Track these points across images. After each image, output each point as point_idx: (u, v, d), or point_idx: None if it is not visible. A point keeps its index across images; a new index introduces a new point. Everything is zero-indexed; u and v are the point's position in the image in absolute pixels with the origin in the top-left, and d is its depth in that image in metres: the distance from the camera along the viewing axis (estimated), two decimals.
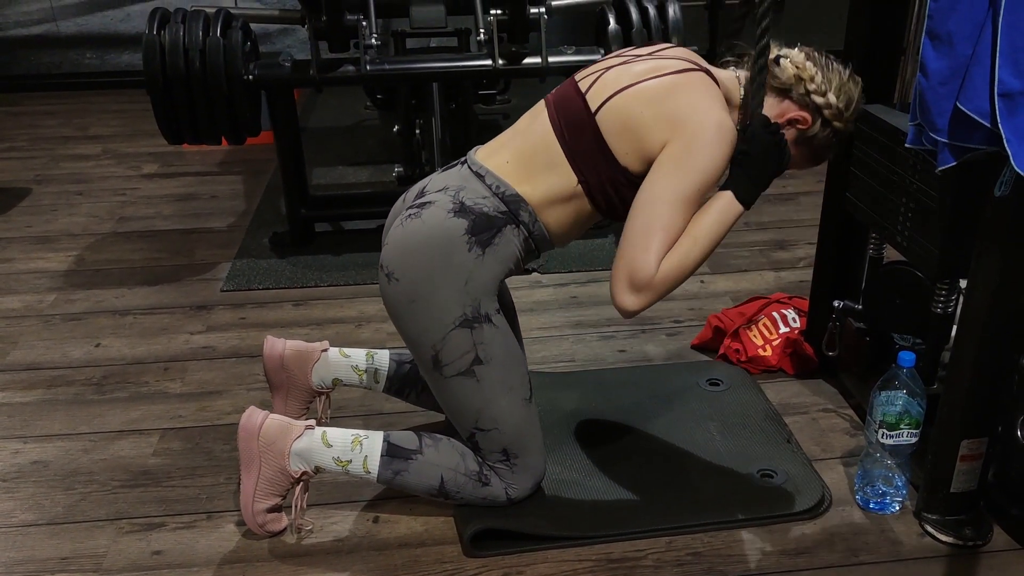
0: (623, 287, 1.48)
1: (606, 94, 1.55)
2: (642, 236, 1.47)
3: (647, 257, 1.46)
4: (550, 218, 1.60)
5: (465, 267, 1.53)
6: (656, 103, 1.51)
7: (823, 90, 1.59)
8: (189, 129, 2.63)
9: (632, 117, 1.52)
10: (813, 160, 1.69)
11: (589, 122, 1.54)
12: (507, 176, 1.58)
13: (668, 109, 1.50)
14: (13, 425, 2.03)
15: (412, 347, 1.61)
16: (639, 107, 1.52)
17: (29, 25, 4.69)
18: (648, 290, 1.47)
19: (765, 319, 2.25)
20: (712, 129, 1.48)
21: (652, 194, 1.49)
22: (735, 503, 1.73)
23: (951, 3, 1.38)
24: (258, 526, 1.63)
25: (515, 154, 1.61)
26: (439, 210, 1.55)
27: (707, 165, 1.48)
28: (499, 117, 4.02)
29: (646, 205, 1.49)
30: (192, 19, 2.54)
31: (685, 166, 1.47)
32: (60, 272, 2.78)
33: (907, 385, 1.64)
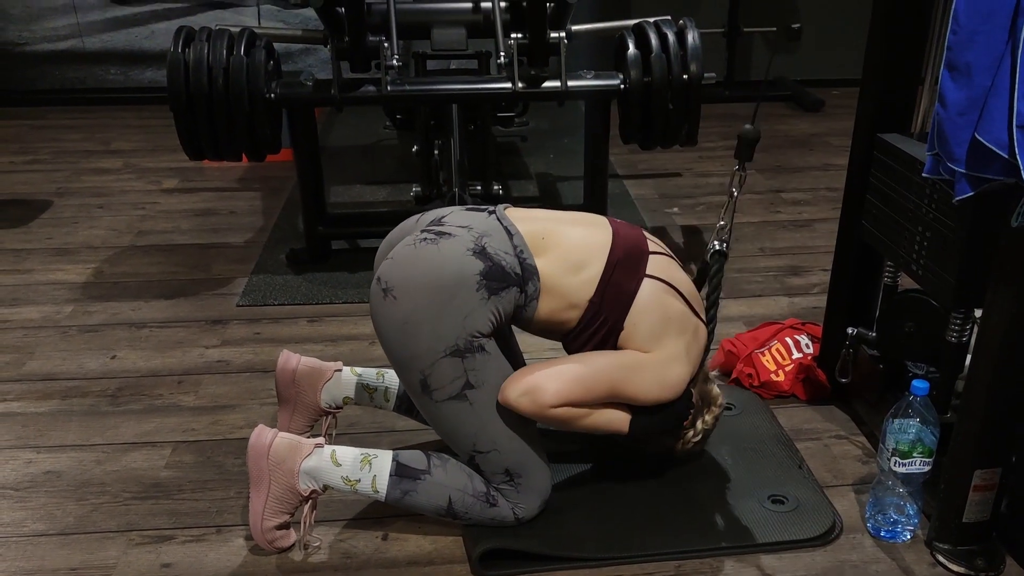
0: (522, 387, 1.56)
1: (662, 274, 1.67)
2: (570, 378, 1.58)
3: (561, 393, 1.57)
4: (545, 306, 1.63)
5: (468, 303, 1.54)
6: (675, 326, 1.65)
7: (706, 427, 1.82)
8: (210, 145, 2.66)
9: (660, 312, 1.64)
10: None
11: (637, 277, 1.64)
12: (534, 248, 1.61)
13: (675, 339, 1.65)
14: (28, 435, 2.05)
15: (398, 369, 1.61)
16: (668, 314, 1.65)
17: (55, 41, 4.77)
18: (535, 408, 1.56)
19: (778, 344, 2.24)
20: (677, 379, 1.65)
21: (604, 361, 1.62)
22: (745, 528, 1.72)
23: (970, 35, 1.38)
24: (267, 542, 1.64)
25: (554, 235, 1.65)
26: (459, 245, 1.56)
27: (649, 392, 1.63)
28: (517, 139, 4.05)
29: (593, 364, 1.62)
30: (216, 38, 2.58)
31: (641, 376, 1.62)
32: (78, 284, 2.81)
33: (920, 413, 1.64)
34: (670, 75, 2.68)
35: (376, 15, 2.86)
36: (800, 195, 3.55)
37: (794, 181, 3.71)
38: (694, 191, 3.62)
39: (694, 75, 2.68)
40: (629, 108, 2.77)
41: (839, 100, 4.73)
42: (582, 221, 1.73)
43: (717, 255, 1.83)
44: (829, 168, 3.83)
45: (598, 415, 1.63)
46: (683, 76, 2.68)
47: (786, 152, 4.02)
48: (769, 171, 3.78)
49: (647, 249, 1.68)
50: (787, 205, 3.45)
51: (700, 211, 3.40)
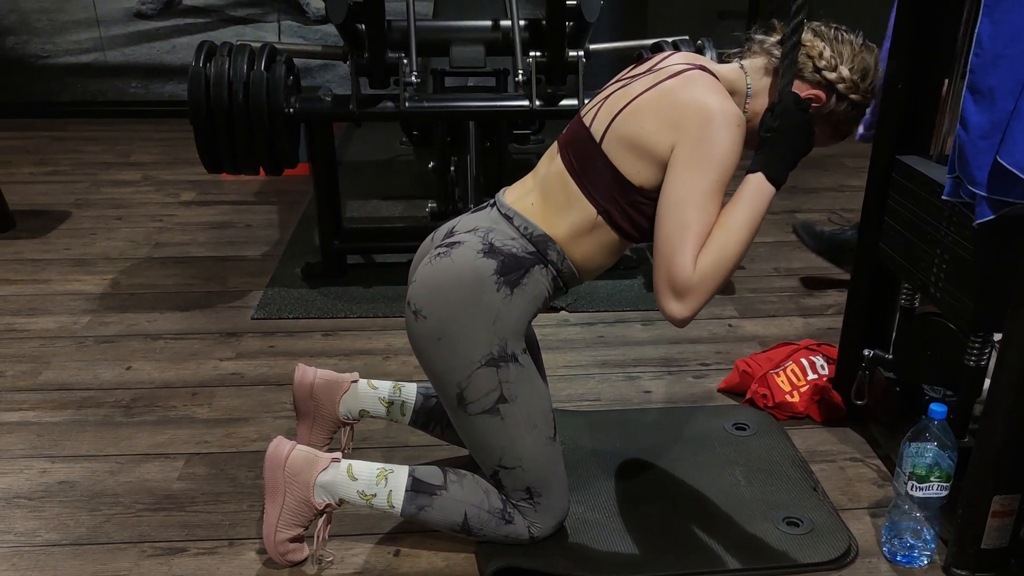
0: (667, 296, 1.45)
1: (607, 121, 1.54)
2: (673, 241, 1.44)
3: (682, 260, 1.43)
4: (577, 253, 1.60)
5: (493, 307, 1.54)
6: (654, 112, 1.49)
7: (833, 64, 1.54)
8: (228, 159, 2.67)
9: (635, 135, 1.50)
10: (835, 136, 1.64)
11: (597, 153, 1.54)
12: (534, 217, 1.60)
13: (667, 113, 1.47)
14: (42, 444, 2.05)
15: (436, 384, 1.62)
16: (639, 123, 1.50)
17: (78, 54, 4.82)
18: (692, 292, 1.43)
19: (793, 365, 2.23)
20: (717, 117, 1.44)
21: (673, 198, 1.45)
22: (759, 550, 1.70)
23: (993, 59, 1.38)
24: (279, 555, 1.63)
25: (538, 196, 1.62)
26: (468, 250, 1.56)
27: (720, 153, 1.43)
28: (533, 157, 4.06)
29: (669, 210, 1.45)
30: (238, 53, 2.60)
31: (698, 161, 1.44)
32: (95, 295, 2.83)
33: (938, 437, 1.62)
34: None
35: (396, 32, 2.88)
36: (815, 216, 3.54)
37: (809, 202, 3.70)
38: None
39: None
40: None
41: None
42: (544, 162, 1.67)
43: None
44: (844, 189, 3.82)
45: (736, 217, 1.45)
46: None
47: (801, 173, 3.98)
48: (784, 191, 3.75)
49: (585, 127, 1.58)
50: None
51: None
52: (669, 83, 1.51)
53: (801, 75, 1.56)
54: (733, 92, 1.56)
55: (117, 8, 4.76)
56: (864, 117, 1.62)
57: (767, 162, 1.49)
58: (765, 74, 1.59)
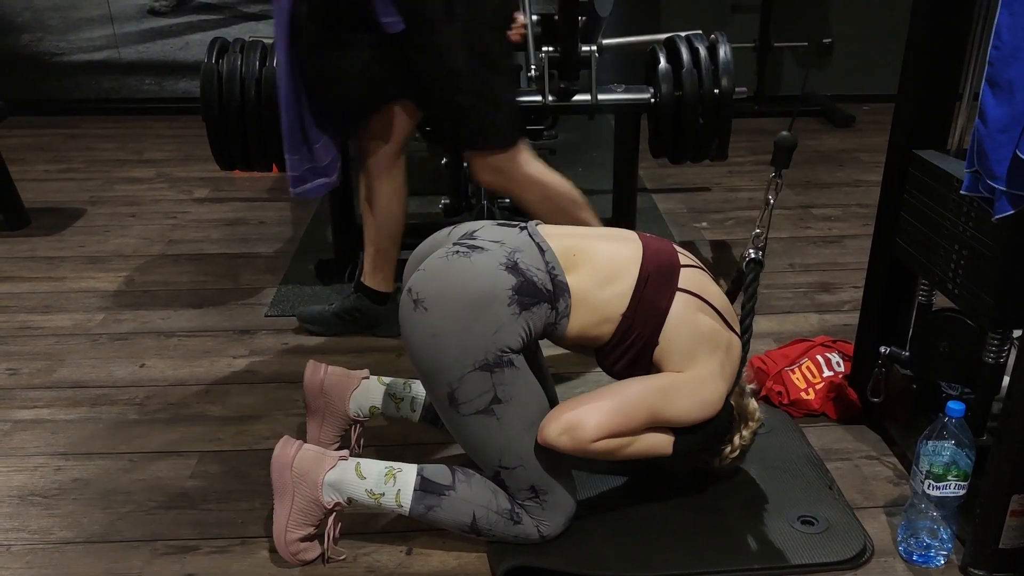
0: (557, 427, 1.55)
1: (694, 288, 1.65)
2: (611, 411, 1.57)
3: (600, 426, 1.55)
4: (576, 322, 1.61)
5: (499, 319, 1.53)
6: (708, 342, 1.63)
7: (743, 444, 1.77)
8: (241, 156, 2.67)
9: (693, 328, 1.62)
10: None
11: (670, 291, 1.62)
12: (565, 264, 1.60)
13: (709, 356, 1.63)
14: (57, 442, 2.06)
15: (426, 380, 1.60)
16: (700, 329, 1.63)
17: (91, 51, 4.83)
18: (576, 444, 1.55)
19: (809, 362, 2.21)
20: (715, 398, 1.64)
21: (640, 388, 1.61)
22: (773, 549, 1.69)
23: (1012, 51, 1.36)
24: (291, 555, 1.63)
25: (585, 250, 1.64)
26: (491, 260, 1.55)
27: (687, 414, 1.62)
28: (546, 152, 4.03)
29: (629, 393, 1.60)
30: (250, 49, 2.60)
31: (679, 399, 1.60)
32: (109, 292, 2.84)
33: (955, 436, 1.60)
34: (701, 89, 2.67)
35: None
36: (830, 211, 3.52)
37: (824, 197, 3.67)
38: (723, 206, 3.59)
39: (725, 90, 2.67)
40: (659, 122, 2.76)
41: (869, 116, 4.68)
42: (612, 236, 1.72)
43: (753, 263, 1.81)
44: (860, 184, 3.78)
45: (640, 442, 1.62)
46: (714, 91, 2.66)
47: (816, 168, 3.99)
48: (799, 187, 3.74)
49: (678, 263, 1.67)
50: (817, 221, 3.42)
51: (729, 226, 3.38)
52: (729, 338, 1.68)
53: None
54: None
55: (131, 5, 4.77)
56: None
57: (686, 438, 1.66)
58: None
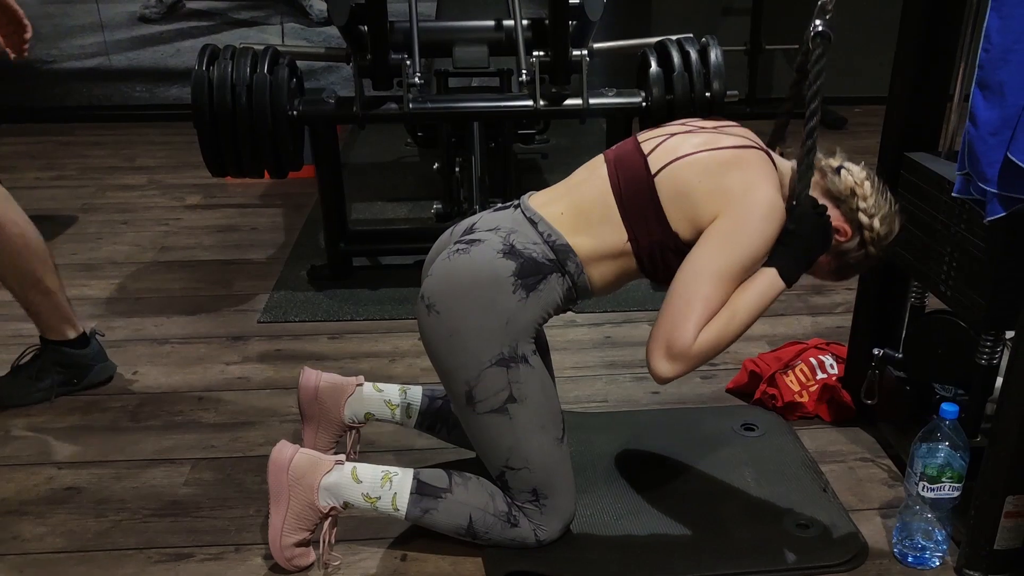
0: (660, 354, 1.49)
1: (667, 159, 1.57)
2: (683, 306, 1.48)
3: (686, 327, 1.47)
4: (595, 272, 1.60)
5: (507, 308, 1.53)
6: (712, 175, 1.53)
7: (871, 213, 1.60)
8: (233, 162, 2.67)
9: (688, 185, 1.54)
10: (836, 273, 1.69)
11: (647, 183, 1.56)
12: (560, 226, 1.59)
13: (723, 183, 1.52)
14: (49, 450, 2.05)
15: (445, 381, 1.61)
16: (696, 177, 1.54)
17: (83, 58, 4.82)
18: (684, 359, 1.48)
19: (802, 365, 2.21)
20: (764, 208, 1.50)
21: (697, 266, 1.50)
22: (769, 552, 1.69)
23: (1002, 54, 1.37)
24: (286, 560, 1.63)
25: (570, 206, 1.62)
26: (488, 249, 1.56)
27: (754, 243, 1.50)
28: (538, 156, 4.04)
29: (690, 276, 1.50)
30: (241, 56, 2.60)
31: (733, 242, 1.49)
32: (102, 299, 2.83)
33: (949, 437, 1.61)
34: (692, 93, 2.67)
35: (398, 33, 2.87)
36: None
37: None
38: None
39: (716, 93, 2.67)
40: (651, 126, 2.75)
41: (861, 118, 4.70)
42: (585, 174, 1.68)
43: (819, 38, 1.55)
44: None
45: (744, 302, 1.50)
46: (705, 94, 2.67)
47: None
48: None
49: (642, 154, 1.60)
50: None
51: None
52: (736, 153, 1.56)
53: (840, 206, 1.60)
54: (783, 185, 1.60)
55: (121, 12, 4.76)
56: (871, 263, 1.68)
57: (783, 261, 1.54)
58: (814, 188, 1.60)
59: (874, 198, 1.60)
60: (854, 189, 1.60)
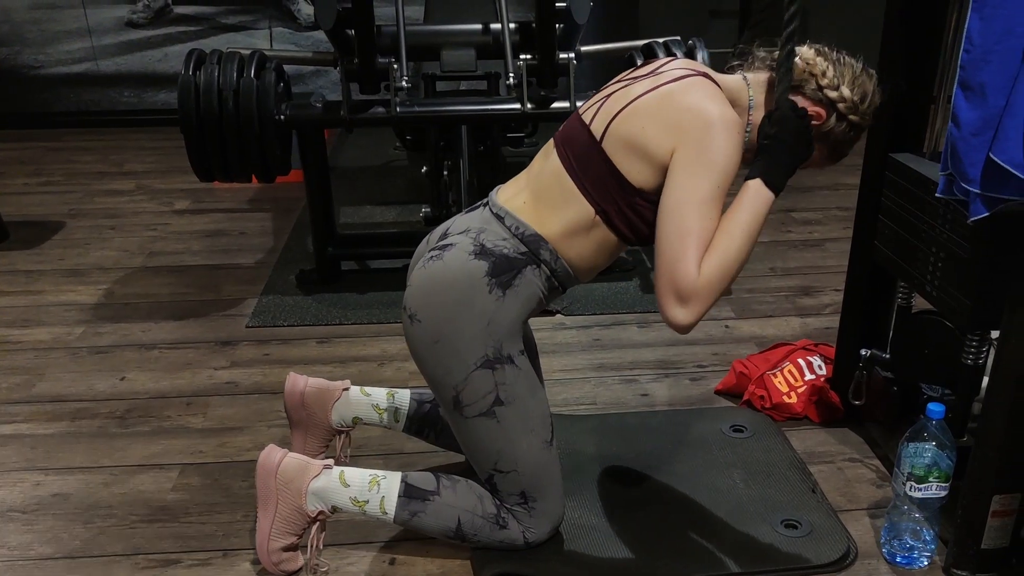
0: (671, 302, 1.43)
1: (607, 120, 1.53)
2: (675, 245, 1.42)
3: (687, 266, 1.41)
4: (572, 252, 1.58)
5: (487, 309, 1.53)
6: (655, 115, 1.48)
7: (835, 84, 1.54)
8: (220, 167, 2.66)
9: (635, 135, 1.48)
10: (832, 156, 1.64)
11: (596, 150, 1.52)
12: (526, 216, 1.58)
13: (668, 116, 1.46)
14: (36, 457, 2.04)
15: (434, 387, 1.61)
16: (639, 123, 1.48)
17: (70, 64, 4.81)
18: (696, 298, 1.42)
19: (791, 366, 2.22)
20: (717, 123, 1.43)
21: (674, 201, 1.44)
22: (758, 553, 1.69)
23: (984, 55, 1.37)
24: (273, 565, 1.62)
25: (531, 194, 1.61)
26: (460, 252, 1.55)
27: (721, 159, 1.43)
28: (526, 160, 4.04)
29: (671, 214, 1.44)
30: (227, 60, 2.59)
31: (700, 166, 1.43)
32: (89, 305, 2.82)
33: (936, 437, 1.61)
34: None
35: (386, 37, 2.87)
36: (810, 215, 3.54)
37: (804, 201, 3.69)
38: None
39: None
40: None
41: None
42: (539, 159, 1.66)
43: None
44: (839, 187, 3.81)
45: (737, 223, 1.44)
46: None
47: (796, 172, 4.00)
48: None
49: (584, 125, 1.56)
50: (797, 225, 3.44)
51: None
52: (671, 87, 1.50)
53: (803, 91, 1.56)
54: (735, 103, 1.55)
55: (109, 18, 4.75)
56: None
57: (766, 168, 1.48)
58: (768, 89, 1.57)
59: (832, 69, 1.55)
60: (809, 70, 1.55)
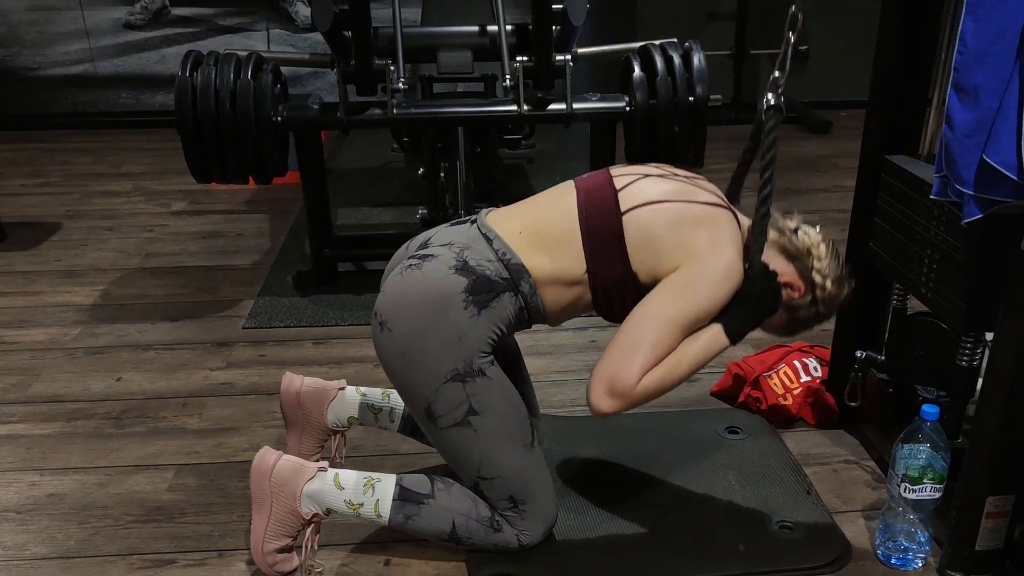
0: (600, 390, 1.51)
1: (639, 200, 1.58)
2: (632, 348, 1.51)
3: (631, 368, 1.49)
4: (548, 296, 1.60)
5: (460, 324, 1.52)
6: (682, 228, 1.55)
7: (825, 273, 1.63)
8: (217, 168, 2.66)
9: (656, 232, 1.55)
10: (787, 329, 1.71)
11: (615, 218, 1.57)
12: (516, 245, 1.58)
13: (691, 238, 1.54)
14: (31, 457, 2.04)
15: (404, 397, 1.61)
16: (665, 226, 1.55)
17: (68, 65, 4.81)
18: (624, 398, 1.50)
19: (786, 367, 2.22)
20: (723, 269, 1.54)
21: (651, 310, 1.53)
22: (753, 554, 1.69)
23: (977, 56, 1.38)
24: (268, 566, 1.62)
25: (530, 225, 1.61)
26: (441, 265, 1.55)
27: (708, 300, 1.53)
28: (523, 162, 4.05)
29: (643, 319, 1.53)
30: (224, 62, 2.59)
31: (689, 294, 1.52)
32: (86, 306, 2.82)
33: (931, 439, 1.61)
34: (676, 97, 2.68)
35: (383, 38, 2.87)
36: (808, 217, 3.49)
37: (802, 203, 3.69)
38: None
39: (700, 97, 2.68)
40: (635, 130, 2.77)
41: (846, 122, 4.72)
42: (551, 198, 1.67)
43: (772, 111, 1.61)
44: (837, 190, 3.81)
45: (689, 352, 1.53)
46: (689, 98, 2.68)
47: (794, 174, 4.02)
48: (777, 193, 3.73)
49: (614, 189, 1.61)
50: None
51: None
52: (705, 211, 1.58)
53: (796, 262, 1.64)
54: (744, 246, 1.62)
55: (106, 19, 4.75)
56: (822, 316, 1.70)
57: (730, 319, 1.57)
58: (770, 247, 1.64)
59: (828, 260, 1.64)
60: (811, 249, 1.64)
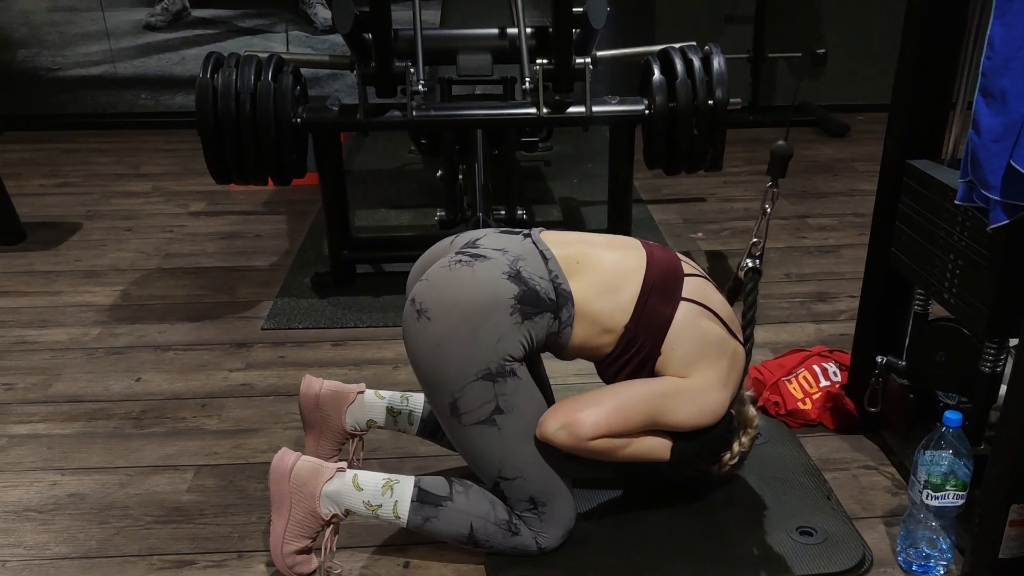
0: (556, 424, 1.55)
1: (698, 296, 1.65)
2: (606, 407, 1.56)
3: (594, 424, 1.54)
4: (580, 332, 1.61)
5: (502, 327, 1.53)
6: (715, 349, 1.63)
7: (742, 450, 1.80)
8: (237, 170, 2.67)
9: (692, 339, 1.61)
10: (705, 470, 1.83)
11: (674, 303, 1.62)
12: (569, 273, 1.60)
13: (714, 360, 1.62)
14: (52, 457, 2.05)
15: (428, 390, 1.61)
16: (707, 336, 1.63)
17: (88, 66, 4.84)
18: (573, 441, 1.55)
19: (805, 372, 2.21)
20: (716, 404, 1.63)
21: (640, 390, 1.60)
22: (772, 560, 1.68)
23: (1004, 61, 1.37)
24: (287, 567, 1.62)
25: (590, 260, 1.64)
26: (494, 268, 1.55)
27: (687, 417, 1.61)
28: (541, 164, 4.05)
29: (629, 392, 1.60)
30: (245, 63, 2.60)
31: (679, 402, 1.59)
32: (105, 306, 2.83)
33: (953, 445, 1.60)
34: (695, 100, 2.67)
35: (402, 41, 2.88)
36: (826, 220, 3.52)
37: (820, 207, 3.68)
38: (719, 216, 3.60)
39: (719, 100, 2.67)
40: (654, 133, 2.76)
41: (864, 125, 4.70)
42: (616, 244, 1.71)
43: (751, 272, 1.80)
44: (855, 194, 3.80)
45: (638, 444, 1.61)
46: (708, 101, 2.67)
47: (812, 178, 4.00)
48: (795, 196, 3.75)
49: (682, 272, 1.67)
50: (813, 231, 3.42)
51: (725, 236, 3.38)
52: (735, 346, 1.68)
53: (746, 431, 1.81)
54: None
55: (127, 21, 4.78)
56: None
57: (684, 445, 1.65)
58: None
59: (749, 440, 1.79)
60: (747, 424, 1.79)
